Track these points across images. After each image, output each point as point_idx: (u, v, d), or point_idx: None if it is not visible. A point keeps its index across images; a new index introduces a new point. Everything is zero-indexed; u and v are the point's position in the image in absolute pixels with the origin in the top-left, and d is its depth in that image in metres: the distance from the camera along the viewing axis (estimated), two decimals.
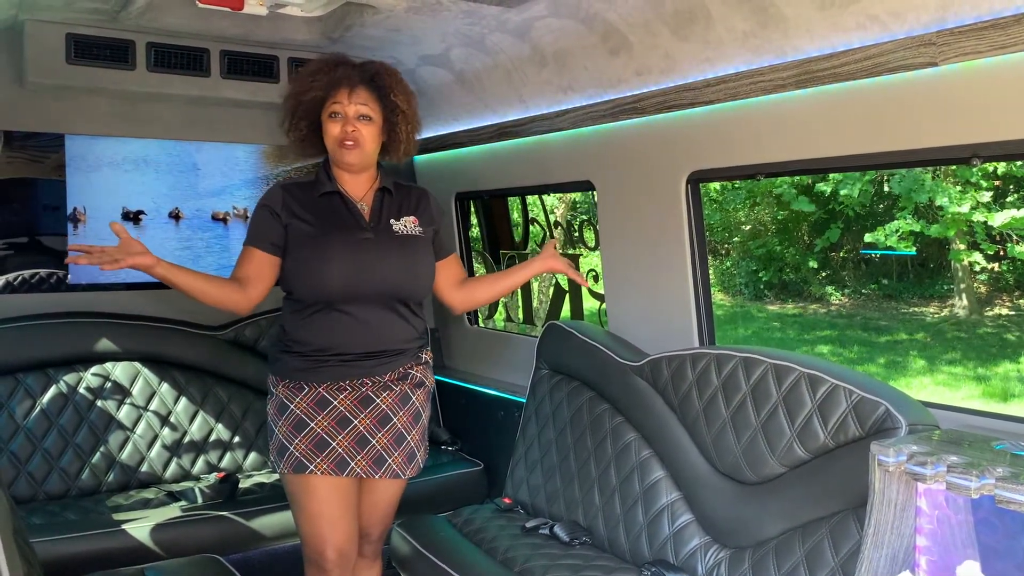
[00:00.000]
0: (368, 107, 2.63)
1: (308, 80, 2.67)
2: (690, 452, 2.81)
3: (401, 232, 2.70)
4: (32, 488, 3.49)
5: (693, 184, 3.08)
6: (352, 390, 2.63)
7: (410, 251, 2.69)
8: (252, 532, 3.38)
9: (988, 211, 11.28)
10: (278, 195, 2.68)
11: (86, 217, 3.94)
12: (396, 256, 2.66)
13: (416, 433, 2.73)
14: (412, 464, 2.72)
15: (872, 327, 13.07)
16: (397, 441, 2.67)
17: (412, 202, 2.79)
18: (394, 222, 2.70)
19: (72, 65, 3.48)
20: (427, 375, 2.80)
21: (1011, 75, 2.07)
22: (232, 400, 3.98)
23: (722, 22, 2.60)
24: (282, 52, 3.84)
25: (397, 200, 2.76)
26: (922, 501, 1.89)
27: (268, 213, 2.66)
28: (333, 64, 2.67)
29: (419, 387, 2.75)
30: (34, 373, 3.60)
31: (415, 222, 2.74)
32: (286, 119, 2.73)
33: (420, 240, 2.73)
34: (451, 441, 4.25)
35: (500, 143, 3.87)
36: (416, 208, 2.78)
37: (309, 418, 2.60)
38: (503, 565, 2.89)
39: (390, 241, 2.67)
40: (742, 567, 2.53)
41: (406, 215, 2.74)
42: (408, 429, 2.70)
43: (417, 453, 2.74)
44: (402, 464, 2.68)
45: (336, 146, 2.63)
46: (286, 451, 2.60)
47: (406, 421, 2.69)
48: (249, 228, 2.71)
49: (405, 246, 2.69)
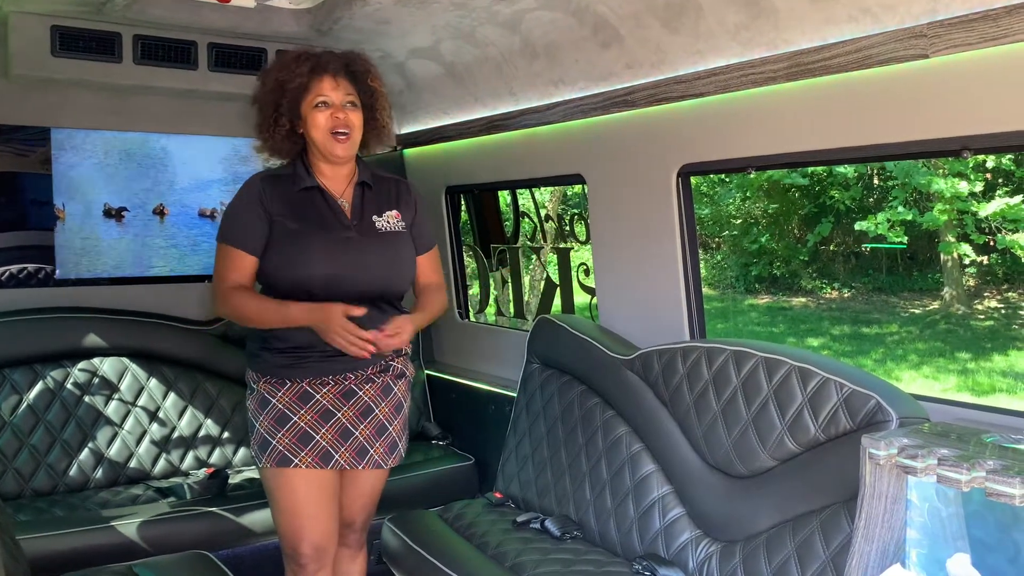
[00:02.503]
0: (352, 95, 2.59)
1: (292, 68, 2.56)
2: (681, 446, 2.81)
3: (383, 229, 2.66)
4: (19, 484, 3.47)
5: (684, 177, 3.07)
6: (335, 384, 2.60)
7: (392, 247, 2.66)
8: (241, 528, 3.37)
9: (977, 203, 11.34)
10: (258, 189, 2.60)
11: (65, 215, 3.90)
12: (379, 254, 2.62)
13: (397, 423, 2.73)
14: (394, 454, 2.71)
15: (862, 320, 13.13)
16: (379, 432, 2.66)
17: (392, 195, 2.73)
18: (376, 218, 2.66)
19: (57, 58, 3.44)
20: (407, 366, 2.79)
21: (1002, 67, 2.07)
22: (221, 395, 3.96)
23: (713, 14, 2.59)
24: (270, 45, 3.81)
25: (377, 194, 2.71)
26: (913, 494, 1.89)
27: (253, 211, 2.58)
28: (309, 53, 2.60)
29: (400, 378, 2.74)
30: (21, 368, 3.58)
31: (397, 217, 2.69)
32: (268, 115, 2.60)
33: (402, 236, 2.69)
34: (442, 436, 4.24)
35: (490, 136, 3.85)
36: (397, 201, 2.73)
37: (292, 412, 2.57)
38: (494, 560, 2.88)
39: (372, 238, 2.62)
40: (733, 560, 2.53)
41: (388, 210, 2.69)
42: (390, 420, 2.69)
43: (399, 443, 2.74)
44: (384, 454, 2.67)
45: (326, 137, 2.56)
46: (268, 445, 2.57)
47: (388, 412, 2.68)
48: (231, 225, 2.61)
49: (388, 243, 2.65)
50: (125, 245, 4.04)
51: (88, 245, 3.96)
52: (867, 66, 2.31)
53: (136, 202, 4.07)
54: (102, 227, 3.99)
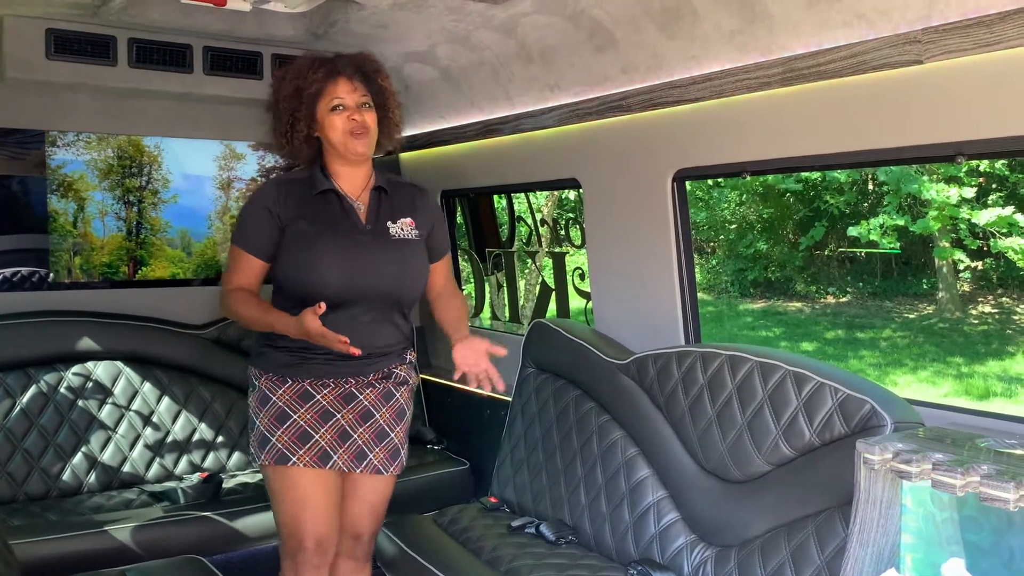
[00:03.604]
0: (366, 96, 2.62)
1: (307, 74, 2.58)
2: (676, 450, 2.81)
3: (397, 235, 2.65)
4: (12, 489, 3.45)
5: (679, 182, 3.07)
6: (335, 387, 2.62)
7: (406, 255, 2.65)
8: (235, 533, 3.35)
9: (972, 209, 11.37)
10: (272, 193, 2.62)
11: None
12: (391, 260, 2.62)
13: (400, 430, 2.71)
14: (396, 462, 2.70)
15: (856, 325, 13.14)
16: (379, 437, 2.65)
17: (408, 201, 2.73)
18: (391, 224, 2.65)
19: (52, 61, 3.43)
20: (411, 374, 2.78)
21: (996, 73, 2.08)
22: (215, 399, 3.94)
23: (708, 19, 2.60)
24: (266, 48, 3.81)
25: (392, 199, 2.70)
26: (907, 499, 1.89)
27: (264, 215, 2.59)
28: (323, 59, 2.62)
29: (402, 385, 2.73)
30: (14, 372, 3.56)
31: (411, 224, 2.69)
32: (285, 121, 2.61)
33: (416, 244, 2.69)
34: (437, 440, 4.23)
35: (486, 140, 3.85)
36: (413, 209, 2.72)
37: (292, 410, 2.57)
38: (489, 565, 2.88)
39: (386, 244, 2.62)
40: (728, 566, 2.53)
41: (403, 216, 2.68)
42: (391, 426, 2.68)
43: (401, 451, 2.72)
44: (384, 460, 2.66)
45: (345, 137, 2.56)
46: (268, 443, 2.57)
47: (389, 417, 2.68)
48: (244, 229, 2.63)
49: (400, 250, 2.64)
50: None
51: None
52: (862, 71, 2.31)
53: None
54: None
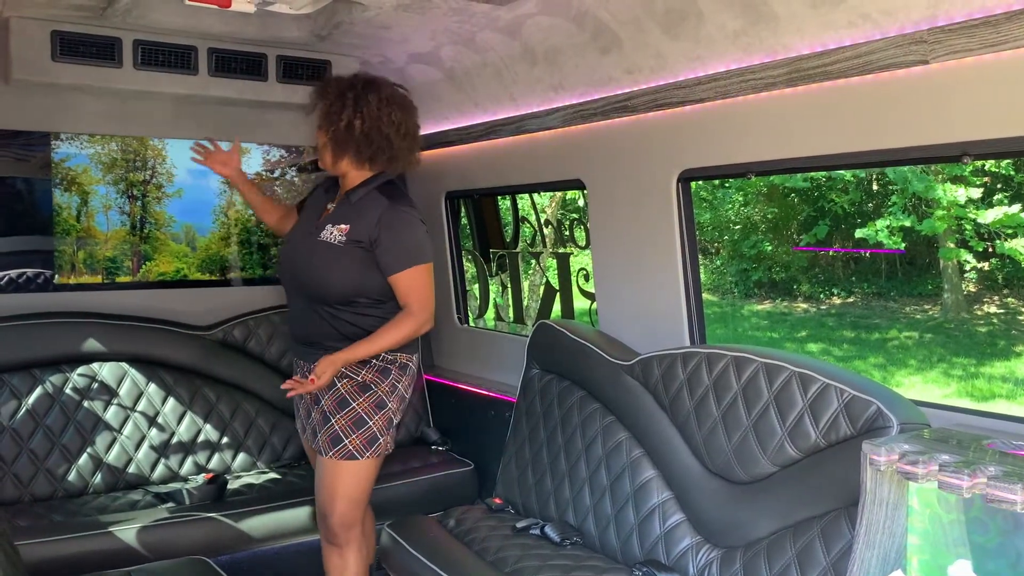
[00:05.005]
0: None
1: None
2: (681, 452, 2.80)
3: (324, 239, 2.89)
4: (18, 490, 3.46)
5: (684, 182, 3.07)
6: (299, 371, 3.04)
7: (324, 258, 2.86)
8: (240, 534, 3.36)
9: (977, 209, 11.34)
10: (311, 190, 3.21)
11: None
12: (311, 260, 2.88)
13: (342, 419, 2.84)
14: (336, 448, 2.84)
15: (862, 325, 13.12)
16: (324, 420, 2.88)
17: (358, 211, 2.89)
18: (328, 227, 2.90)
19: (58, 62, 3.44)
20: (363, 371, 2.88)
21: (1001, 73, 2.07)
22: (220, 400, 3.95)
23: (713, 20, 2.59)
24: (270, 50, 3.82)
25: (348, 208, 2.91)
26: (914, 500, 1.89)
27: (307, 199, 3.18)
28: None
29: (344, 378, 2.87)
30: (20, 373, 3.57)
31: (344, 231, 2.87)
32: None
33: (339, 249, 2.86)
34: (441, 441, 4.23)
35: (490, 141, 3.85)
36: (359, 218, 2.87)
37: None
38: (494, 566, 2.87)
39: (313, 244, 2.90)
40: (733, 567, 2.52)
41: (343, 223, 2.88)
42: (332, 413, 2.86)
43: (344, 439, 2.83)
44: (326, 443, 2.87)
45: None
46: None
47: (330, 405, 2.88)
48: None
49: (322, 252, 2.87)
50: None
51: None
52: (867, 72, 2.31)
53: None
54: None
